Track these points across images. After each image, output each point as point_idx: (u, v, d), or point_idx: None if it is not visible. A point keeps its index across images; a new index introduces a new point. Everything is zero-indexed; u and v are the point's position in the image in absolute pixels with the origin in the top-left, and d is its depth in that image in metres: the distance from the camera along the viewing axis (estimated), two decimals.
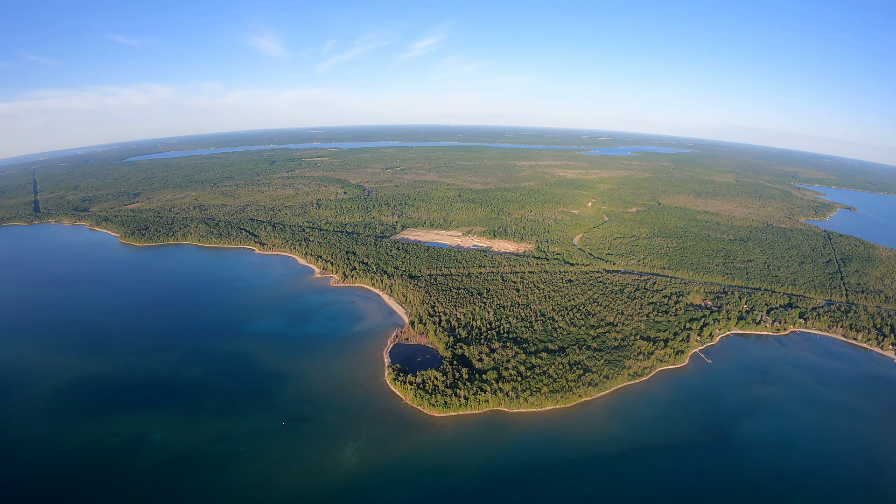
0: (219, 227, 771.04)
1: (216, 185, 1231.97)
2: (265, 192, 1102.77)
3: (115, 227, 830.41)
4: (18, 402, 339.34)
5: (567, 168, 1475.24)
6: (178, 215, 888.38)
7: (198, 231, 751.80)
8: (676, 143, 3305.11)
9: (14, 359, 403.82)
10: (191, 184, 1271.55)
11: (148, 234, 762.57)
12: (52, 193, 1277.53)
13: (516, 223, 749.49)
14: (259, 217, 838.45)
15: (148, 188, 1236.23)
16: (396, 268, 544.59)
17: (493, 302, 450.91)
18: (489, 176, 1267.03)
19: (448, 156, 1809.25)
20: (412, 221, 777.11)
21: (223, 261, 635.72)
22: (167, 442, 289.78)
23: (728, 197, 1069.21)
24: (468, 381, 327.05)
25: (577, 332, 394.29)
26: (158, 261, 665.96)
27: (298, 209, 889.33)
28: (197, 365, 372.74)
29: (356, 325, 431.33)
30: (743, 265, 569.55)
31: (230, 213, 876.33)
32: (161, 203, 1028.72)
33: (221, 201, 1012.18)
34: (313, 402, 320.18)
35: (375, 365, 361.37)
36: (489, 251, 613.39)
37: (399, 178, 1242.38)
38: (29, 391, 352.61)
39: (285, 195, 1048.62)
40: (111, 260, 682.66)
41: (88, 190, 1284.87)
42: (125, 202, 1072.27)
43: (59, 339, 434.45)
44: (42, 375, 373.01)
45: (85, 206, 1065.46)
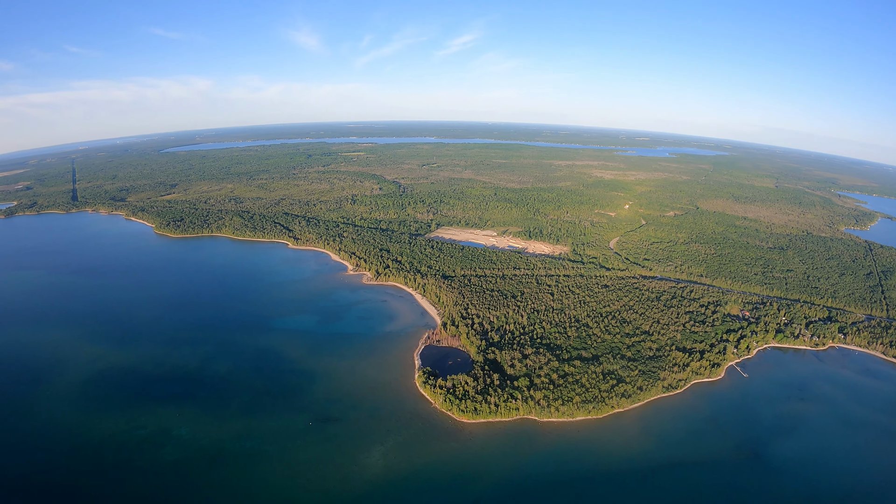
0: (253, 220, 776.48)
1: (252, 177, 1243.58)
2: (300, 185, 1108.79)
3: (151, 217, 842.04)
4: (48, 391, 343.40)
5: (604, 168, 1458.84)
6: (213, 207, 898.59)
7: (232, 224, 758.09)
8: (715, 146, 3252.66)
9: (46, 346, 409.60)
10: (227, 176, 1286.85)
11: (183, 226, 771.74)
12: (90, 182, 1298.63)
13: (552, 224, 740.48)
14: (294, 211, 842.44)
15: (184, 179, 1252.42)
16: (430, 267, 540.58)
17: (528, 305, 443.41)
18: (526, 175, 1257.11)
19: (484, 153, 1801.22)
20: (447, 220, 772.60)
21: (256, 254, 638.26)
22: (193, 437, 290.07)
23: (767, 203, 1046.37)
24: (499, 388, 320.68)
25: (611, 341, 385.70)
26: (192, 252, 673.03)
27: (333, 204, 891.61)
28: (226, 359, 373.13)
29: (388, 324, 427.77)
30: (782, 275, 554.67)
31: (265, 207, 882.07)
32: (197, 195, 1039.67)
33: (257, 194, 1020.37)
34: (342, 403, 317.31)
35: (406, 367, 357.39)
36: (524, 252, 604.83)
37: (435, 175, 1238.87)
38: (59, 380, 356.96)
39: (320, 189, 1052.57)
40: (146, 250, 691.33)
41: (126, 180, 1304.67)
42: (161, 193, 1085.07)
43: (92, 328, 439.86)
44: (73, 364, 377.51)
45: (122, 195, 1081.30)
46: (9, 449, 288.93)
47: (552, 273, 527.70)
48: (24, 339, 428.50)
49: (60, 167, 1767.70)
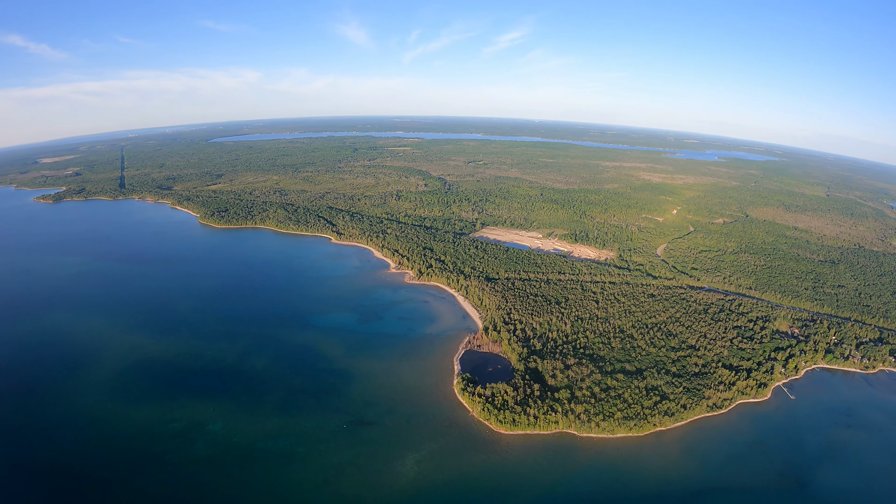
0: (297, 213, 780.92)
1: (298, 170, 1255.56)
2: (346, 179, 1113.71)
3: (196, 207, 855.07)
4: (86, 378, 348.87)
5: (652, 171, 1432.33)
6: (258, 199, 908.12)
7: (276, 216, 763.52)
8: (764, 150, 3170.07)
9: (86, 333, 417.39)
10: (273, 168, 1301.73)
11: (227, 217, 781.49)
12: (138, 170, 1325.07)
13: (598, 228, 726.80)
14: (338, 205, 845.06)
15: (231, 170, 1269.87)
16: (474, 268, 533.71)
17: (572, 313, 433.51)
18: (572, 175, 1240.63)
19: (531, 152, 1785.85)
20: (492, 219, 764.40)
21: (299, 248, 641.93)
22: (226, 433, 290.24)
23: (819, 213, 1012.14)
24: (539, 399, 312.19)
25: (656, 354, 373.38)
26: (235, 244, 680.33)
27: (378, 199, 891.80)
28: (263, 355, 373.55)
29: (428, 326, 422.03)
30: (833, 291, 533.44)
31: (309, 200, 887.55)
32: (242, 185, 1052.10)
33: (302, 187, 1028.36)
34: (377, 406, 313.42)
35: (444, 371, 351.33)
36: (569, 256, 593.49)
37: (481, 173, 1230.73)
38: (97, 367, 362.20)
39: (365, 184, 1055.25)
40: (189, 240, 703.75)
41: (173, 168, 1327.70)
42: (208, 182, 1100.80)
43: (132, 316, 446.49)
44: (111, 353, 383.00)
45: (168, 184, 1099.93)
46: (42, 435, 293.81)
47: (597, 279, 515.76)
48: (65, 324, 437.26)
49: (110, 154, 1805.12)
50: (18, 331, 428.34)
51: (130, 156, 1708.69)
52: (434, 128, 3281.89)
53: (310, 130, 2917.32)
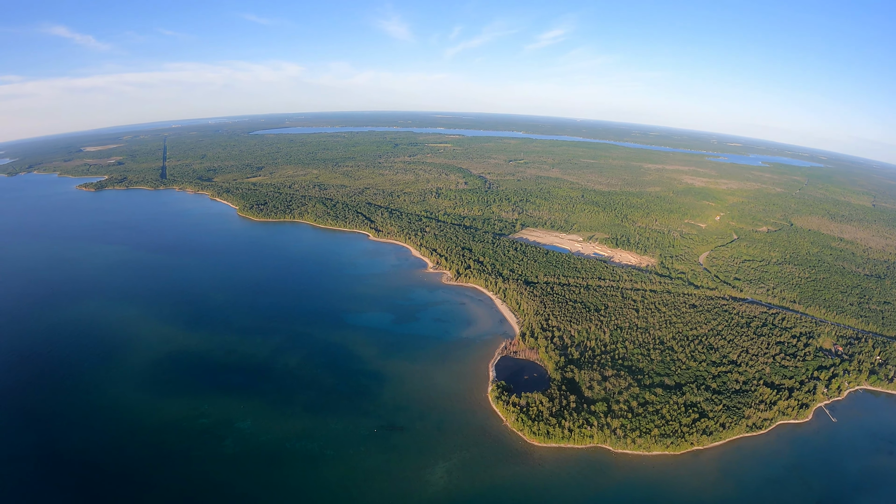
0: (336, 208, 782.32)
1: (338, 164, 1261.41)
2: (385, 175, 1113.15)
3: (235, 199, 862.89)
4: (117, 369, 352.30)
5: (695, 175, 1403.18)
6: (297, 193, 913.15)
7: (315, 211, 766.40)
8: (809, 156, 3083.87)
9: (121, 323, 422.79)
10: (313, 161, 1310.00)
11: (266, 210, 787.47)
12: (179, 161, 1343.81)
13: (640, 233, 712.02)
14: (377, 201, 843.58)
15: (271, 163, 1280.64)
16: (512, 271, 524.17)
17: (611, 321, 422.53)
18: (614, 177, 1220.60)
19: (572, 151, 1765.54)
20: (532, 220, 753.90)
21: (337, 244, 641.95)
22: (255, 432, 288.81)
23: (864, 223, 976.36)
24: (575, 411, 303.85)
25: (696, 368, 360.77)
26: (273, 237, 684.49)
27: (417, 196, 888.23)
28: (296, 353, 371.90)
29: (464, 329, 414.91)
30: (879, 307, 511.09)
31: (349, 195, 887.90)
32: (282, 179, 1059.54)
33: (341, 182, 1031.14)
34: (409, 411, 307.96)
35: (479, 377, 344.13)
36: (610, 262, 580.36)
37: (521, 172, 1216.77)
38: (129, 358, 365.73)
39: (405, 181, 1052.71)
40: (227, 232, 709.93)
41: (214, 160, 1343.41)
42: (248, 175, 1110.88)
43: (166, 308, 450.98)
44: (144, 344, 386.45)
45: (209, 175, 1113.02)
46: (71, 424, 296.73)
47: (638, 287, 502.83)
48: (100, 313, 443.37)
49: (152, 144, 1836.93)
50: (54, 319, 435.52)
51: (172, 146, 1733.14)
52: (475, 125, 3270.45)
53: (350, 125, 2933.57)
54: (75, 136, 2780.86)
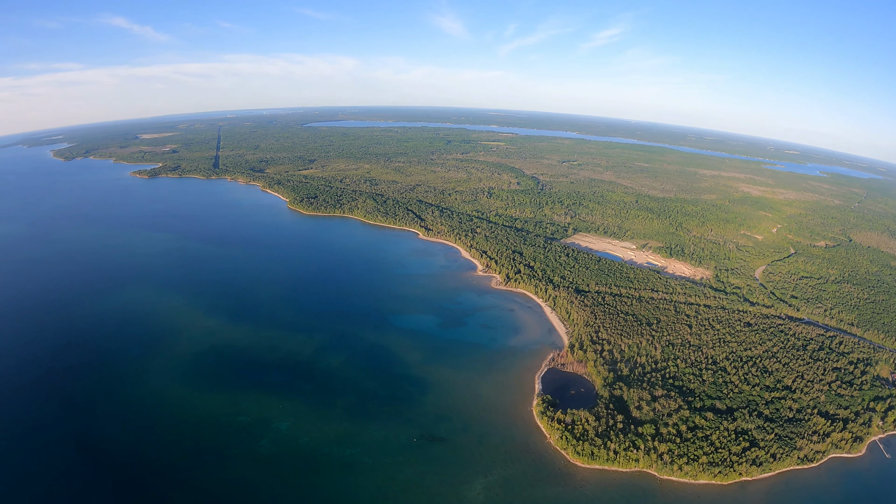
0: (386, 204, 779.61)
1: (389, 159, 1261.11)
2: (437, 172, 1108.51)
3: (286, 191, 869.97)
4: (160, 359, 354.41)
5: (751, 183, 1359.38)
6: (347, 187, 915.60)
7: (365, 206, 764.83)
8: (868, 167, 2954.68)
9: (165, 312, 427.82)
10: (365, 156, 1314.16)
11: (316, 203, 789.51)
12: (232, 151, 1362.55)
13: (695, 243, 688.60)
14: (428, 199, 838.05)
15: (323, 155, 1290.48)
16: (563, 277, 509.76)
17: (663, 337, 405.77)
18: (668, 182, 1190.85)
19: (626, 154, 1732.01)
20: (585, 225, 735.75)
21: (386, 242, 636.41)
22: (293, 433, 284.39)
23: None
24: (621, 432, 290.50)
25: (749, 392, 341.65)
26: (322, 232, 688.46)
27: (469, 195, 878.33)
28: (339, 353, 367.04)
29: (511, 338, 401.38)
30: None
31: (399, 192, 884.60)
32: (333, 172, 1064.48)
33: (393, 177, 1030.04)
34: (451, 421, 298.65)
35: (524, 390, 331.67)
36: (663, 272, 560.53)
37: (575, 174, 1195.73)
38: (172, 349, 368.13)
39: (457, 178, 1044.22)
40: (276, 225, 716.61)
41: (267, 151, 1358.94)
42: (300, 167, 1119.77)
43: (212, 299, 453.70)
44: (188, 335, 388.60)
45: (261, 167, 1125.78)
46: (110, 413, 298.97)
47: (692, 301, 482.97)
48: (146, 302, 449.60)
49: (207, 133, 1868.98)
50: (101, 305, 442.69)
51: (227, 136, 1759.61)
52: (528, 123, 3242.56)
53: (404, 120, 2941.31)
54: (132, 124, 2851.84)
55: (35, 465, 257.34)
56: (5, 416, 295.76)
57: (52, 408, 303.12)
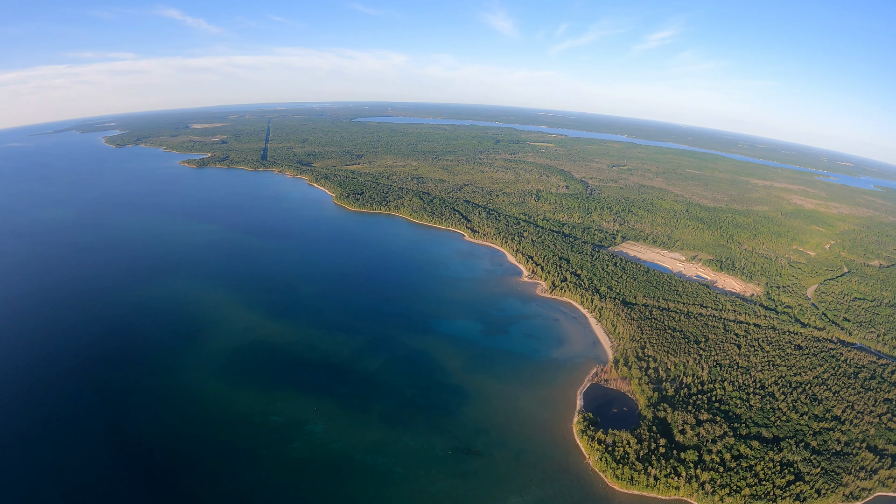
0: (433, 203, 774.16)
1: (437, 157, 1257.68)
2: (485, 172, 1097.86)
3: (333, 186, 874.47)
4: (198, 352, 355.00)
5: (804, 195, 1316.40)
6: (394, 184, 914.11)
7: (411, 205, 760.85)
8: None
9: (206, 304, 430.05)
10: (413, 153, 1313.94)
11: (362, 200, 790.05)
12: (281, 143, 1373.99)
13: (745, 257, 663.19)
14: (475, 200, 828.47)
15: (371, 151, 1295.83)
16: (610, 288, 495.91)
17: (710, 356, 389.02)
18: (720, 192, 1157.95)
19: (677, 161, 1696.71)
20: (633, 233, 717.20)
21: (431, 242, 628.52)
22: (326, 437, 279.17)
23: None
24: (663, 457, 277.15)
25: (797, 421, 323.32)
26: (367, 229, 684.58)
27: (516, 197, 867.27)
28: (378, 356, 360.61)
29: (555, 349, 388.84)
30: None
31: (446, 191, 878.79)
32: (381, 168, 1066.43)
33: (440, 176, 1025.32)
34: (488, 434, 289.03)
35: (566, 405, 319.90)
36: (712, 287, 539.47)
37: (624, 179, 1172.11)
38: (210, 342, 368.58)
39: (505, 179, 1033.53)
40: (321, 220, 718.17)
41: (315, 144, 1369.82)
42: (347, 162, 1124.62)
43: (253, 293, 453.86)
44: (227, 328, 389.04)
45: (309, 160, 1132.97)
46: (143, 405, 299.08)
47: (741, 319, 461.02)
48: (188, 292, 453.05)
49: (257, 125, 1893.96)
50: (143, 293, 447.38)
51: (276, 128, 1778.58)
52: (578, 125, 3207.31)
53: (453, 117, 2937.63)
54: (184, 113, 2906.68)
55: (66, 454, 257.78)
56: (41, 404, 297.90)
57: (88, 396, 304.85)
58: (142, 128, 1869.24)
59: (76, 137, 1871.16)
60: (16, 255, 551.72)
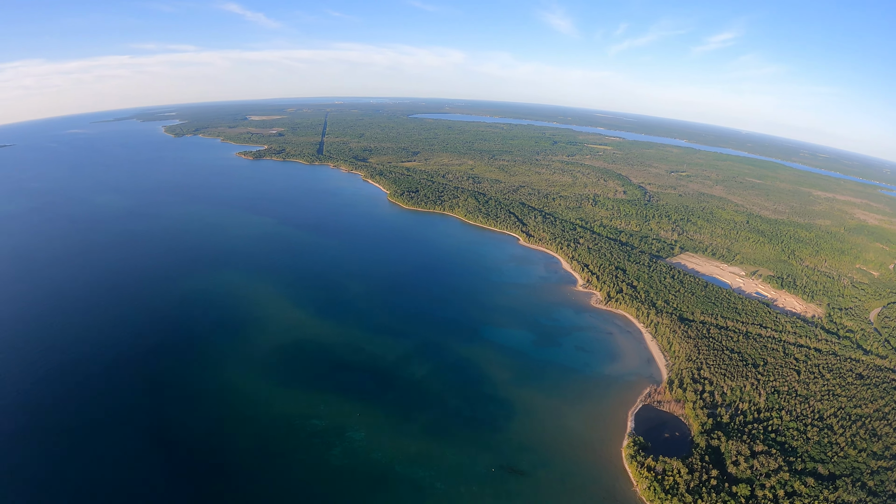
0: (488, 205, 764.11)
1: (494, 157, 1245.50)
2: (542, 174, 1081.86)
3: (388, 183, 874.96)
4: (242, 348, 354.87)
5: (867, 209, 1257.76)
6: (450, 183, 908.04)
7: (466, 205, 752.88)
8: None
9: (255, 299, 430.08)
10: (469, 151, 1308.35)
11: (416, 198, 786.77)
12: (337, 138, 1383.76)
13: (807, 274, 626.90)
14: (531, 202, 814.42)
15: (427, 148, 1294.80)
16: (667, 302, 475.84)
17: (768, 382, 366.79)
18: (781, 203, 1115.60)
19: (737, 168, 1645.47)
20: (692, 244, 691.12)
21: (485, 245, 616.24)
22: (367, 445, 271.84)
23: None
24: (714, 490, 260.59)
25: (855, 458, 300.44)
26: (420, 228, 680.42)
27: (573, 201, 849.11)
28: (425, 363, 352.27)
29: (607, 365, 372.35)
30: None
31: (502, 192, 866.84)
32: (436, 166, 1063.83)
33: (496, 176, 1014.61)
34: (533, 453, 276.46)
35: (616, 426, 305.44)
36: (773, 306, 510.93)
37: (683, 186, 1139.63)
38: (254, 339, 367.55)
39: (562, 182, 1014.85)
40: (374, 217, 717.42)
41: (371, 140, 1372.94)
42: (403, 159, 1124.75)
43: (302, 290, 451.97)
44: (273, 325, 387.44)
45: (364, 155, 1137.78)
46: (184, 399, 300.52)
47: (802, 343, 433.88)
48: (236, 286, 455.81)
49: (314, 119, 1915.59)
50: (191, 285, 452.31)
51: (333, 122, 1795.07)
52: (635, 127, 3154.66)
53: (510, 116, 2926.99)
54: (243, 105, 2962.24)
55: (105, 445, 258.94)
56: (89, 392, 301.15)
57: (132, 387, 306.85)
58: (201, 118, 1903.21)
59: (136, 126, 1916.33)
60: (70, 241, 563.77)
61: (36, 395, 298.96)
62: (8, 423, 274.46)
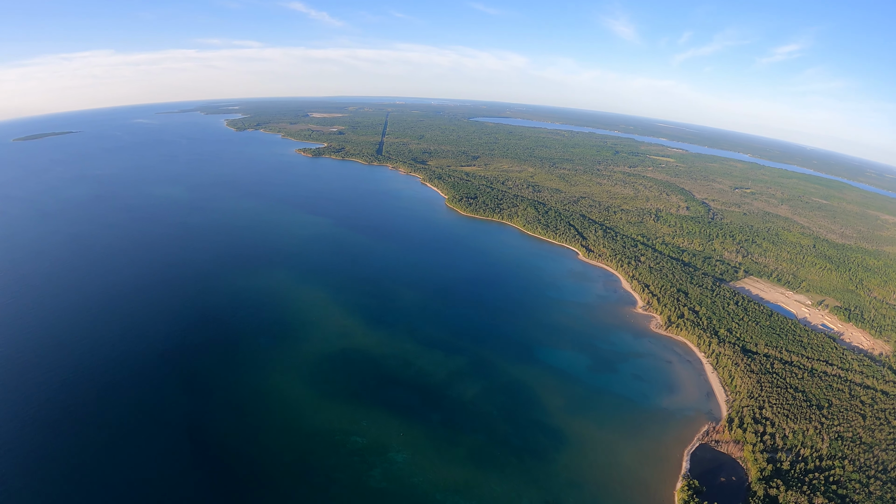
0: (548, 215, 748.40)
1: (555, 165, 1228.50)
2: (603, 185, 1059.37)
3: (446, 187, 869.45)
4: (288, 355, 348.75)
5: None
6: (509, 190, 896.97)
7: (525, 215, 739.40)
8: None
9: (305, 304, 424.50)
10: (529, 158, 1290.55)
11: (475, 205, 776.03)
12: (397, 138, 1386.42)
13: (876, 307, 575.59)
14: (592, 215, 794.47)
15: (487, 153, 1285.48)
16: (730, 331, 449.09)
17: (832, 426, 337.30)
18: (848, 227, 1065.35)
19: (802, 186, 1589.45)
20: (757, 268, 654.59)
21: (543, 259, 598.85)
22: (408, 469, 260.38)
23: None
24: None
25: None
26: (477, 237, 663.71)
27: (635, 216, 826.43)
28: (475, 382, 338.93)
29: (665, 397, 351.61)
30: None
31: (562, 203, 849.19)
32: (496, 172, 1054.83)
33: (556, 185, 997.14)
34: (582, 490, 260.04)
35: (670, 465, 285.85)
36: (839, 340, 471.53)
37: (748, 204, 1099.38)
38: (303, 346, 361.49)
39: (623, 195, 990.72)
40: (431, 222, 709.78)
41: (431, 142, 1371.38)
42: (462, 163, 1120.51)
43: (353, 297, 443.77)
44: (321, 332, 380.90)
45: (423, 158, 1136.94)
46: (224, 403, 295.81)
47: (869, 384, 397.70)
48: (287, 287, 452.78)
49: (375, 118, 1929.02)
50: (242, 284, 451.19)
51: (393, 122, 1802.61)
52: (698, 139, 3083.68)
53: (571, 123, 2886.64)
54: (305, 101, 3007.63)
55: (141, 444, 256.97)
56: (131, 390, 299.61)
57: (174, 386, 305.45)
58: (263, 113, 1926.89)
59: (199, 118, 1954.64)
60: (126, 231, 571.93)
61: (78, 388, 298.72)
62: (48, 414, 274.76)
